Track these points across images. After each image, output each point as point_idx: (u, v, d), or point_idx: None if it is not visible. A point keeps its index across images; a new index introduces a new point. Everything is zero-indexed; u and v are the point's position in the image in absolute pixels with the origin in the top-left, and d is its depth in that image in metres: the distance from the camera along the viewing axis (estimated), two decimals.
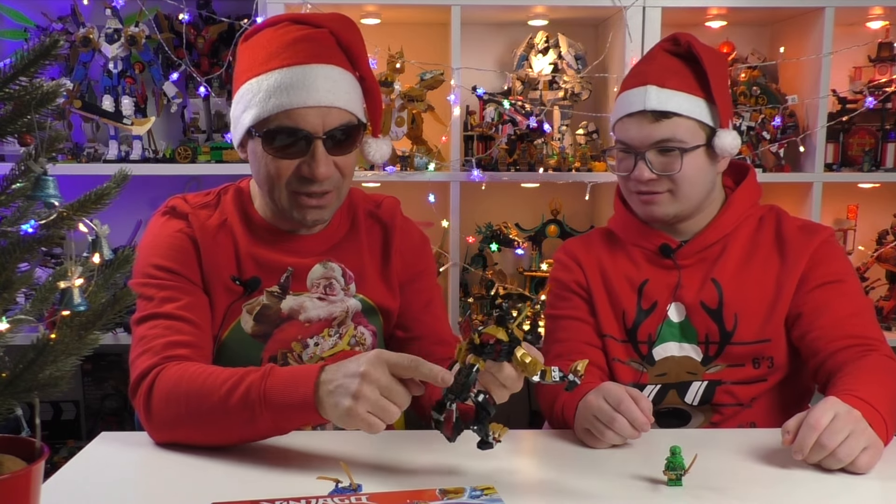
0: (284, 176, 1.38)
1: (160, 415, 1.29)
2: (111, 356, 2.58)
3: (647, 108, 1.52)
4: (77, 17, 2.38)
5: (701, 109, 1.54)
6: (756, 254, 1.58)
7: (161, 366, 1.31)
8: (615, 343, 1.60)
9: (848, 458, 1.16)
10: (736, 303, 1.55)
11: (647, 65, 1.59)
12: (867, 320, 1.52)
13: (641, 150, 1.54)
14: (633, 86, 1.57)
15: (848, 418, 1.17)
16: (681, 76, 1.54)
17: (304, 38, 1.38)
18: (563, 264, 1.69)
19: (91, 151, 2.33)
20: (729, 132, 1.55)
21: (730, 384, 1.55)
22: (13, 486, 0.86)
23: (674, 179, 1.54)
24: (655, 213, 1.57)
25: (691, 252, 1.59)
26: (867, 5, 2.33)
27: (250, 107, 1.37)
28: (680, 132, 1.52)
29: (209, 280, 1.43)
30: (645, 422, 1.29)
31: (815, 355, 1.49)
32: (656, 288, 1.59)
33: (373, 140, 1.51)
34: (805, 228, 1.60)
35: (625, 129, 1.57)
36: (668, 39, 1.60)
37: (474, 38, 2.52)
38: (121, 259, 0.91)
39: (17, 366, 0.87)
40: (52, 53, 0.78)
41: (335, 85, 1.37)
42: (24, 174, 0.82)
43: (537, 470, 1.28)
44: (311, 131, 1.35)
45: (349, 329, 1.50)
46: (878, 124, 2.46)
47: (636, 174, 1.55)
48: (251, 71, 1.39)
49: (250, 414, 1.20)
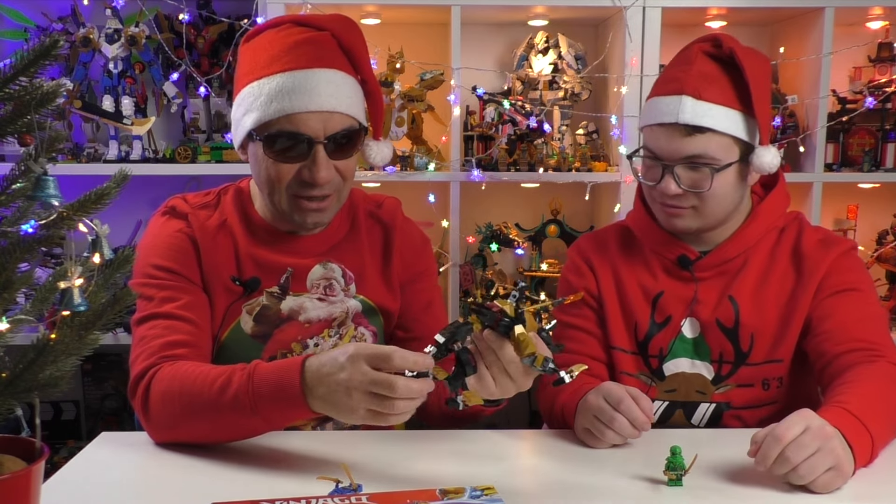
0: (285, 180, 1.38)
1: (157, 415, 1.29)
2: (111, 356, 2.58)
3: (680, 121, 1.42)
4: (77, 17, 2.38)
5: (738, 125, 1.44)
6: (774, 269, 1.52)
7: (157, 366, 1.31)
8: (624, 355, 1.56)
9: (808, 477, 1.11)
10: (752, 323, 1.49)
11: (684, 70, 1.47)
12: (877, 327, 1.45)
13: (670, 163, 1.46)
14: (667, 92, 1.46)
15: (818, 434, 1.11)
16: (720, 87, 1.44)
17: (307, 42, 1.38)
18: (575, 267, 1.62)
19: (91, 151, 2.33)
20: (769, 150, 1.45)
21: (738, 409, 1.51)
22: (13, 486, 0.86)
23: (701, 196, 1.46)
24: (678, 225, 1.51)
25: (710, 265, 1.53)
26: (867, 5, 2.33)
27: (251, 110, 1.37)
28: (712, 148, 1.43)
29: (209, 280, 1.43)
30: (646, 421, 1.29)
31: (821, 357, 1.44)
32: (671, 301, 1.54)
33: (374, 143, 1.51)
34: (824, 242, 1.52)
35: (654, 137, 1.48)
36: (707, 40, 1.49)
37: (474, 38, 2.52)
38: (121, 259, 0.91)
39: (17, 366, 0.87)
40: (52, 53, 0.78)
41: (337, 89, 1.37)
42: (24, 174, 0.82)
43: (537, 470, 1.28)
44: (313, 136, 1.35)
45: (349, 329, 1.49)
46: (878, 124, 2.46)
47: (662, 187, 1.47)
48: (253, 73, 1.38)
49: (241, 414, 1.20)
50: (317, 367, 1.16)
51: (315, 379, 1.15)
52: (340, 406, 1.13)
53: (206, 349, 1.42)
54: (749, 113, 1.45)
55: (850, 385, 1.30)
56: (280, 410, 1.19)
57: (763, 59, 1.51)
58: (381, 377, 1.09)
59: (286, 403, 1.17)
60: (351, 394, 1.11)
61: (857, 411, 1.20)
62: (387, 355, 1.10)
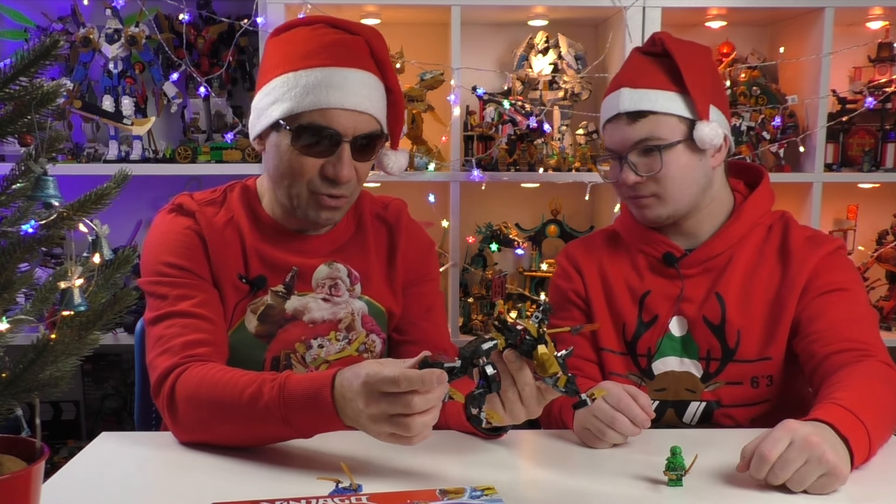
0: (307, 173, 1.38)
1: (184, 418, 1.29)
2: (111, 356, 2.58)
3: (621, 110, 1.51)
4: (77, 17, 2.38)
5: (677, 104, 1.51)
6: (761, 267, 1.54)
7: (182, 366, 1.31)
8: (613, 356, 1.57)
9: (799, 487, 1.11)
10: (738, 319, 1.51)
11: (623, 69, 1.58)
12: (866, 326, 1.46)
13: (623, 153, 1.52)
14: (609, 91, 1.57)
15: (803, 446, 1.10)
16: (653, 73, 1.52)
17: (342, 43, 1.39)
18: (563, 271, 1.66)
19: (91, 151, 2.33)
20: (707, 123, 1.50)
21: (729, 407, 1.52)
22: (13, 486, 0.86)
23: (658, 181, 1.51)
24: (648, 216, 1.55)
25: (696, 262, 1.55)
26: (867, 5, 2.33)
27: (283, 100, 1.37)
28: (658, 130, 1.50)
29: (218, 277, 1.43)
30: (645, 418, 1.29)
31: (810, 358, 1.44)
32: (658, 300, 1.56)
33: (391, 152, 1.53)
34: (812, 240, 1.54)
35: (608, 134, 1.57)
36: (647, 41, 1.59)
37: (474, 38, 2.52)
38: (121, 259, 0.91)
39: (17, 366, 0.87)
40: (53, 54, 0.78)
41: (370, 92, 1.39)
42: (24, 174, 0.82)
43: (537, 470, 1.28)
44: (342, 133, 1.36)
45: (360, 335, 1.49)
46: (878, 124, 2.46)
47: (622, 178, 1.53)
48: (286, 65, 1.38)
49: (273, 424, 1.20)
50: (340, 389, 1.15)
51: (341, 400, 1.15)
52: (365, 428, 1.14)
53: (225, 347, 1.42)
54: (686, 92, 1.51)
55: (841, 384, 1.30)
56: (311, 422, 1.19)
57: (698, 46, 1.59)
58: (396, 400, 1.09)
59: (319, 417, 1.18)
60: (368, 425, 1.12)
61: (850, 406, 1.20)
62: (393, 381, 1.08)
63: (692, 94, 1.50)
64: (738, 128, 2.39)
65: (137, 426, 1.70)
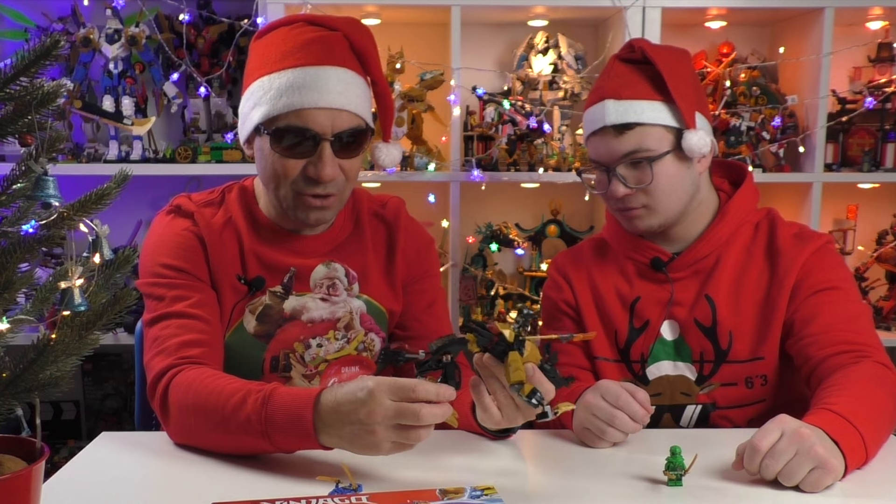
0: (290, 175, 1.38)
1: (175, 423, 1.29)
2: (111, 356, 2.59)
3: (607, 123, 1.48)
4: (77, 17, 2.38)
5: (663, 113, 1.48)
6: (750, 266, 1.52)
7: (175, 368, 1.31)
8: (607, 364, 1.56)
9: (791, 481, 1.11)
10: (729, 320, 1.50)
11: (604, 79, 1.54)
12: (861, 326, 1.44)
13: (612, 165, 1.50)
14: (592, 102, 1.53)
15: (793, 438, 1.11)
16: (636, 83, 1.49)
17: (319, 40, 1.38)
18: (553, 282, 1.65)
19: (91, 151, 2.33)
20: (695, 132, 1.48)
21: (724, 409, 1.52)
22: (13, 486, 0.86)
23: (648, 193, 1.49)
24: (638, 226, 1.54)
25: (684, 265, 1.54)
26: (867, 5, 2.34)
27: (260, 104, 1.37)
28: (646, 141, 1.47)
29: (217, 278, 1.44)
30: (645, 414, 1.29)
31: (806, 362, 1.43)
32: (648, 305, 1.55)
33: (383, 145, 1.52)
34: (799, 236, 1.53)
35: (593, 146, 1.54)
36: (624, 48, 1.55)
37: (474, 38, 2.52)
38: (121, 259, 0.91)
39: (17, 366, 0.87)
40: (53, 54, 0.78)
41: (347, 88, 1.37)
42: (24, 174, 0.82)
43: (537, 470, 1.28)
44: (320, 132, 1.36)
45: (359, 335, 1.50)
46: (878, 124, 2.46)
47: (611, 191, 1.51)
48: (264, 68, 1.39)
49: (252, 437, 1.20)
50: (333, 405, 1.14)
51: (332, 416, 1.13)
52: (363, 443, 1.12)
53: (220, 347, 1.42)
54: (671, 101, 1.49)
55: (836, 388, 1.29)
56: (290, 441, 1.19)
57: (678, 51, 1.56)
58: (406, 408, 1.08)
59: (297, 437, 1.17)
60: (375, 430, 1.10)
61: (843, 411, 1.20)
62: (410, 388, 1.09)
63: (678, 104, 1.48)
64: (738, 128, 2.39)
65: (137, 426, 1.70)
